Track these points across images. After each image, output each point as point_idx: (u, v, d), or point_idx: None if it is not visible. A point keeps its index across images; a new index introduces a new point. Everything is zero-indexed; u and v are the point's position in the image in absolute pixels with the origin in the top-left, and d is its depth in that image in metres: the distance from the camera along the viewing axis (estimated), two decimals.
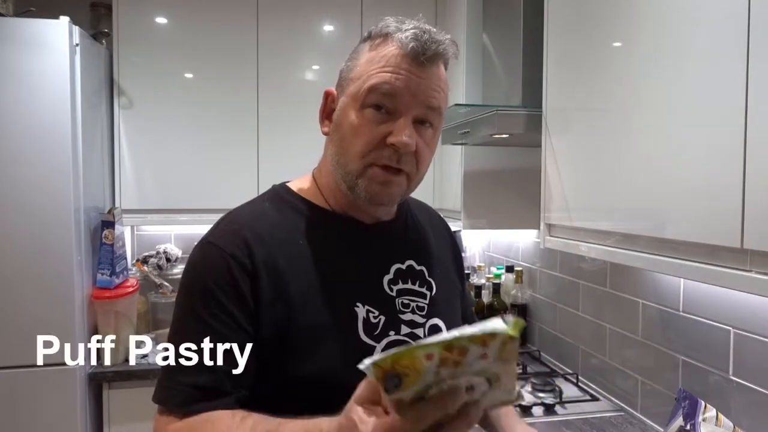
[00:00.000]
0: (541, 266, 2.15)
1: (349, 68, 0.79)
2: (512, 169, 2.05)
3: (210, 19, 2.14)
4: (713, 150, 0.93)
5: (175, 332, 0.74)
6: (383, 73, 0.73)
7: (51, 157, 1.73)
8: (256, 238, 0.75)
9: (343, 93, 0.79)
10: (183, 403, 0.69)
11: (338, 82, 0.81)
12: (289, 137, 2.20)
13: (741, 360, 1.25)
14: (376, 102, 0.73)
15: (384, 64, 0.73)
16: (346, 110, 0.77)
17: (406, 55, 0.73)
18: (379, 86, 0.73)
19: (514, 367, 0.51)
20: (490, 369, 0.49)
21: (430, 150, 0.79)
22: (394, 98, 0.73)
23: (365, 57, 0.77)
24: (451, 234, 1.02)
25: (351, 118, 0.75)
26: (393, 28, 0.75)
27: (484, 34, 1.99)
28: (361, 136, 0.74)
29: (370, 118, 0.74)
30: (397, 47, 0.73)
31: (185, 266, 0.79)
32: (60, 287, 1.76)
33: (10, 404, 1.73)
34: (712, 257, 0.95)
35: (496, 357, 0.47)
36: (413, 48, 0.72)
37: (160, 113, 2.12)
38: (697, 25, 0.97)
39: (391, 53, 0.73)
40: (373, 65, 0.74)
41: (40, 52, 1.71)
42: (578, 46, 1.35)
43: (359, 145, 0.74)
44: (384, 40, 0.75)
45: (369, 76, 0.74)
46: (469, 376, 0.48)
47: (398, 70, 0.73)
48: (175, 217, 2.17)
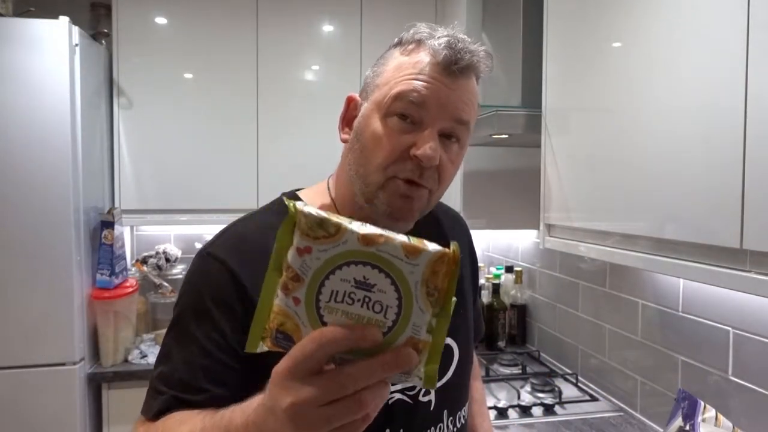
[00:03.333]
0: (540, 266, 2.15)
1: (376, 74, 0.74)
2: (512, 170, 2.05)
3: (210, 19, 2.15)
4: (713, 150, 0.93)
5: (167, 346, 0.72)
6: (412, 80, 0.69)
7: (51, 157, 1.73)
8: (260, 253, 0.70)
9: (366, 99, 0.74)
10: (160, 411, 0.67)
11: (362, 88, 0.77)
12: (288, 137, 2.20)
13: (740, 360, 1.25)
14: (402, 110, 0.69)
15: (413, 71, 0.69)
16: (369, 117, 0.72)
17: (437, 63, 0.69)
18: (407, 94, 0.68)
19: (439, 321, 0.46)
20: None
21: (453, 167, 0.74)
22: (421, 108, 0.68)
23: (394, 63, 0.72)
24: (470, 238, 0.98)
25: (374, 126, 0.71)
26: (426, 34, 0.71)
27: (483, 34, 1.99)
28: (384, 146, 0.69)
29: (394, 127, 0.69)
30: (429, 54, 0.69)
31: (185, 276, 0.76)
32: (59, 287, 1.76)
33: (10, 404, 1.73)
34: (711, 257, 0.95)
35: (419, 285, 0.44)
36: (446, 56, 0.68)
37: (160, 113, 2.12)
38: (696, 24, 0.97)
39: (422, 60, 0.69)
40: (401, 72, 0.70)
41: (40, 52, 1.71)
42: (578, 46, 1.35)
43: (381, 155, 0.70)
44: (416, 47, 0.71)
45: (396, 82, 0.70)
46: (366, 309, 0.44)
47: (428, 78, 0.69)
48: (175, 217, 2.17)
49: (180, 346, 0.71)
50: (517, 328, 2.24)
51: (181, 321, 0.72)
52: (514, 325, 2.24)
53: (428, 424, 0.78)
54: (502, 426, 1.49)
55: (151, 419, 0.68)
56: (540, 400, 1.62)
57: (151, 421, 0.68)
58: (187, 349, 0.69)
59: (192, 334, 0.70)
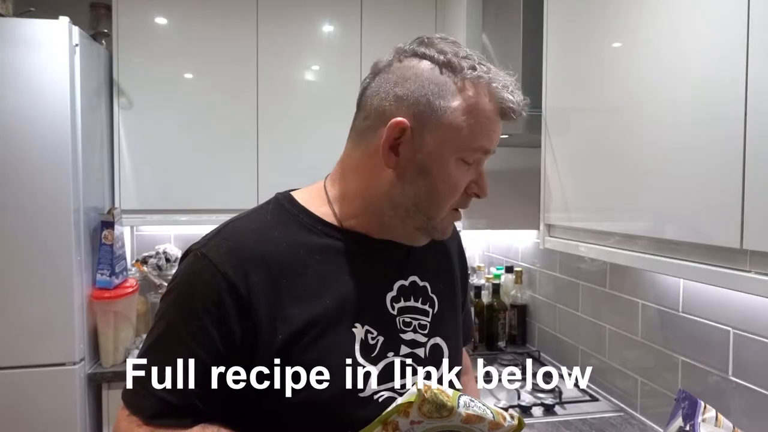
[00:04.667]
0: (540, 267, 2.15)
1: (437, 107, 0.71)
2: (512, 169, 2.05)
3: (210, 19, 2.15)
4: (713, 150, 0.93)
5: (152, 343, 0.72)
6: (489, 132, 0.73)
7: (51, 157, 1.73)
8: (255, 258, 0.71)
9: (429, 132, 0.71)
10: (153, 415, 0.68)
11: (416, 115, 0.71)
12: (288, 137, 2.20)
13: (740, 360, 1.25)
14: (477, 159, 0.75)
15: (487, 123, 0.72)
16: (440, 157, 0.72)
17: (499, 115, 0.73)
18: (488, 149, 0.74)
19: None
20: None
21: None
22: (488, 155, 0.76)
23: (458, 103, 0.71)
24: (460, 242, 0.99)
25: (450, 169, 0.73)
26: (486, 77, 0.72)
27: (483, 34, 1.99)
28: (458, 189, 0.75)
29: (465, 170, 0.74)
30: (494, 104, 0.72)
31: (175, 272, 0.75)
32: (59, 287, 1.75)
33: (10, 404, 1.73)
34: (711, 257, 0.95)
35: None
36: (509, 110, 0.73)
37: (160, 113, 2.12)
38: (696, 24, 0.97)
39: (491, 110, 0.72)
40: (479, 120, 0.72)
41: (40, 52, 1.71)
42: (578, 46, 1.35)
43: (453, 197, 0.75)
44: (478, 88, 0.72)
45: (478, 135, 0.72)
46: None
47: (495, 128, 0.74)
48: (175, 217, 2.17)
49: (164, 344, 0.70)
50: (517, 328, 2.24)
51: (168, 319, 0.72)
52: (514, 325, 2.24)
53: None
54: None
55: (147, 421, 0.68)
56: (540, 400, 1.62)
57: (148, 425, 0.68)
58: (173, 348, 0.69)
59: (179, 334, 0.69)
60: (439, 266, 0.89)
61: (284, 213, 0.78)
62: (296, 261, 0.73)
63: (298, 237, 0.75)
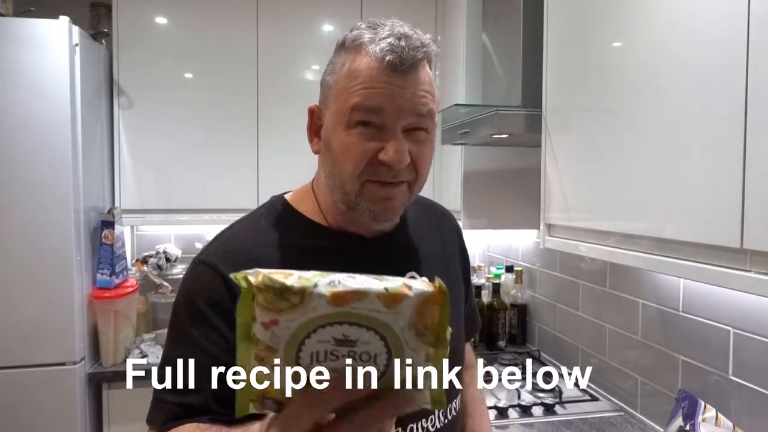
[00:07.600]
0: (540, 266, 2.15)
1: (329, 84, 0.75)
2: (512, 169, 2.05)
3: (210, 19, 2.15)
4: (713, 150, 0.93)
5: (166, 352, 0.74)
6: (363, 89, 0.69)
7: (51, 157, 1.73)
8: (249, 262, 0.70)
9: (327, 110, 0.75)
10: (167, 420, 0.68)
11: (321, 98, 0.77)
12: (288, 137, 2.20)
13: (741, 360, 1.25)
14: (362, 119, 0.70)
15: (363, 80, 0.69)
16: (333, 129, 0.73)
17: (383, 68, 0.69)
18: (362, 104, 0.69)
19: (437, 352, 0.44)
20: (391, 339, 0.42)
21: (428, 152, 0.76)
22: (379, 114, 0.70)
23: (343, 72, 0.72)
24: (460, 234, 0.99)
25: (340, 138, 0.72)
26: (367, 38, 0.70)
27: (483, 34, 1.99)
28: (353, 156, 0.71)
29: (358, 136, 0.70)
30: (375, 60, 0.69)
31: (179, 286, 0.77)
32: (60, 287, 1.76)
33: (10, 404, 1.73)
34: (712, 257, 0.95)
35: (407, 326, 0.42)
36: (390, 61, 0.68)
37: (160, 113, 2.12)
38: (697, 24, 0.97)
39: (369, 67, 0.69)
40: (352, 82, 0.70)
41: (40, 52, 1.71)
42: (578, 46, 1.35)
43: (352, 165, 0.71)
44: (358, 53, 0.71)
45: (350, 94, 0.70)
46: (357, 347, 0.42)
47: (378, 84, 0.69)
48: (175, 217, 2.17)
49: (178, 350, 0.71)
50: (517, 327, 2.24)
51: (178, 326, 0.73)
52: (515, 325, 2.24)
53: (419, 416, 0.79)
54: (502, 426, 1.49)
55: (159, 430, 0.68)
56: (540, 400, 1.62)
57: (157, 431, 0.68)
58: (185, 351, 0.70)
59: (190, 337, 0.70)
60: (441, 258, 0.89)
61: (276, 216, 0.80)
62: (288, 264, 0.73)
63: (290, 240, 0.78)
